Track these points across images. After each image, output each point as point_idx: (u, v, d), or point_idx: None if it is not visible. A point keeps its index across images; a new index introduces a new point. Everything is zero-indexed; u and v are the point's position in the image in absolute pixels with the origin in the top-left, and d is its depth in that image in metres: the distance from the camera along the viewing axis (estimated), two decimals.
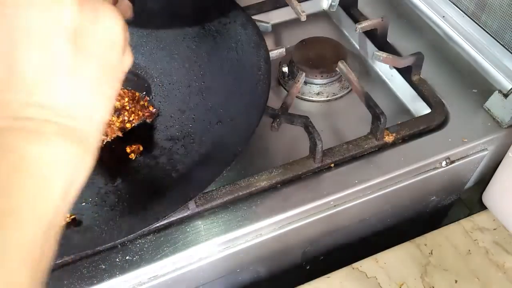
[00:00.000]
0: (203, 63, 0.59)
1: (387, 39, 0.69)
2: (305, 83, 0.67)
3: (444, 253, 0.54)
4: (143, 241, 0.50)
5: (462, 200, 0.73)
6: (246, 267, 0.56)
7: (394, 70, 0.68)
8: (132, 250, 0.50)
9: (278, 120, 0.56)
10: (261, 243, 0.53)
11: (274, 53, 0.63)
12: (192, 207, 0.51)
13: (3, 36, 0.25)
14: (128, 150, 0.53)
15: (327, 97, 0.68)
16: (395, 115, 0.64)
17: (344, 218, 0.57)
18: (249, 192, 0.53)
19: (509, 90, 0.58)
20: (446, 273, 0.52)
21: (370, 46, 0.72)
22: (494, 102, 0.59)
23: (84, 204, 0.48)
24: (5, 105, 0.25)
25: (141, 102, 0.56)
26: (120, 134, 0.54)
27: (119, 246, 0.50)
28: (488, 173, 0.62)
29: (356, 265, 0.53)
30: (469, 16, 0.67)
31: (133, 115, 0.55)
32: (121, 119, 0.54)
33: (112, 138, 0.54)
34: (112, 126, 0.54)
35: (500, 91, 0.58)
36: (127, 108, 0.55)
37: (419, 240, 0.55)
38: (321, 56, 0.68)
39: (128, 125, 0.55)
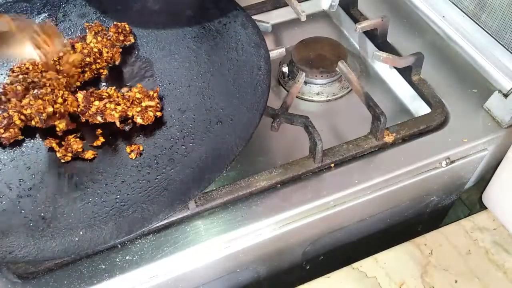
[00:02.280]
0: (203, 63, 0.59)
1: (387, 39, 0.69)
2: (305, 83, 0.67)
3: (444, 253, 0.54)
4: (143, 241, 0.50)
5: (462, 200, 0.73)
6: (246, 267, 0.56)
7: (394, 70, 0.68)
8: (132, 250, 0.50)
9: (278, 120, 0.56)
10: (261, 243, 0.53)
11: (274, 53, 0.63)
12: (192, 207, 0.52)
13: None
14: (128, 150, 0.53)
15: (327, 97, 0.68)
16: (395, 115, 0.64)
17: (344, 218, 0.57)
18: (249, 192, 0.53)
19: (509, 90, 0.58)
20: (446, 273, 0.52)
21: (370, 46, 0.72)
22: (494, 102, 0.59)
23: (84, 204, 0.49)
24: None
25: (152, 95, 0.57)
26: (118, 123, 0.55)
27: (119, 246, 0.50)
28: (488, 173, 0.62)
29: (356, 265, 0.53)
30: (469, 16, 0.67)
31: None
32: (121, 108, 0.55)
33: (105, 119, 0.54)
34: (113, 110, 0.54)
35: (500, 91, 0.58)
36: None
37: (419, 240, 0.55)
38: (321, 56, 0.68)
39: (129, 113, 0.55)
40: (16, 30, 0.54)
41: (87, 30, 0.63)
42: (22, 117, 0.54)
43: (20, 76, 0.57)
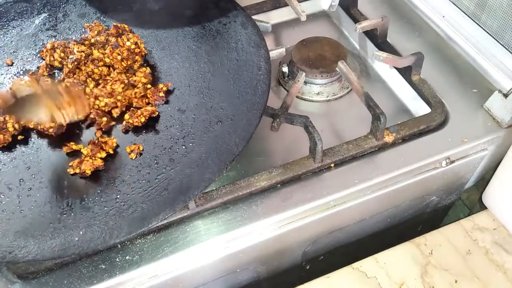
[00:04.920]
0: (203, 63, 0.59)
1: (387, 39, 0.69)
2: (305, 83, 0.67)
3: (444, 253, 0.54)
4: (143, 241, 0.50)
5: (462, 200, 0.73)
6: (246, 267, 0.56)
7: (394, 70, 0.68)
8: (132, 250, 0.50)
9: (278, 120, 0.56)
10: (261, 243, 0.53)
11: (274, 53, 0.63)
12: (192, 207, 0.52)
13: None
14: (128, 150, 0.53)
15: (327, 97, 0.68)
16: (395, 115, 0.64)
17: (344, 218, 0.57)
18: (249, 192, 0.53)
19: (509, 90, 0.58)
20: (446, 273, 0.52)
21: (370, 46, 0.72)
22: (494, 102, 0.59)
23: (84, 204, 0.49)
24: None
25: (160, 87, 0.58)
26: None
27: (119, 246, 0.50)
28: (488, 173, 0.62)
29: (356, 265, 0.53)
30: (469, 16, 0.68)
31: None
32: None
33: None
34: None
35: (500, 91, 0.58)
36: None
37: (419, 240, 0.55)
38: (321, 56, 0.68)
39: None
40: (41, 92, 0.53)
41: (88, 30, 0.63)
42: (17, 125, 0.54)
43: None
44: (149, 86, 0.58)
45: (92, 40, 0.61)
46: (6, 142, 0.54)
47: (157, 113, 0.55)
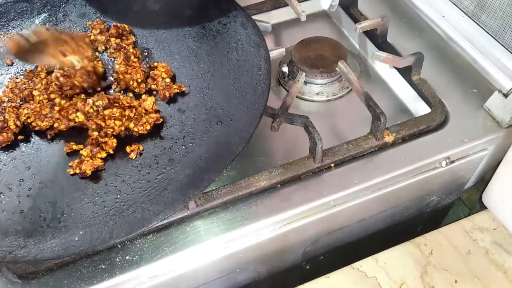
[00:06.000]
0: (203, 63, 0.59)
1: (387, 39, 0.69)
2: (305, 83, 0.67)
3: (444, 253, 0.54)
4: (143, 241, 0.50)
5: (462, 200, 0.73)
6: (246, 267, 0.56)
7: (394, 70, 0.68)
8: (132, 250, 0.50)
9: (278, 120, 0.56)
10: (261, 243, 0.53)
11: (274, 53, 0.63)
12: (192, 207, 0.52)
13: None
14: (128, 150, 0.53)
15: (327, 97, 0.68)
16: (395, 115, 0.64)
17: (344, 218, 0.57)
18: (249, 192, 0.53)
19: (509, 90, 0.58)
20: (446, 273, 0.52)
21: (370, 46, 0.72)
22: (494, 102, 0.59)
23: (84, 204, 0.49)
24: None
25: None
26: None
27: (119, 246, 0.50)
28: (488, 173, 0.62)
29: (356, 265, 0.53)
30: (469, 16, 0.67)
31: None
32: None
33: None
34: None
35: (500, 91, 0.58)
36: None
37: (419, 240, 0.55)
38: (321, 56, 0.68)
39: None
40: (51, 40, 0.54)
41: (91, 29, 0.63)
42: (18, 122, 0.54)
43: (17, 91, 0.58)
44: (167, 80, 0.58)
45: (92, 37, 0.62)
46: (10, 140, 0.54)
47: (161, 119, 0.55)
